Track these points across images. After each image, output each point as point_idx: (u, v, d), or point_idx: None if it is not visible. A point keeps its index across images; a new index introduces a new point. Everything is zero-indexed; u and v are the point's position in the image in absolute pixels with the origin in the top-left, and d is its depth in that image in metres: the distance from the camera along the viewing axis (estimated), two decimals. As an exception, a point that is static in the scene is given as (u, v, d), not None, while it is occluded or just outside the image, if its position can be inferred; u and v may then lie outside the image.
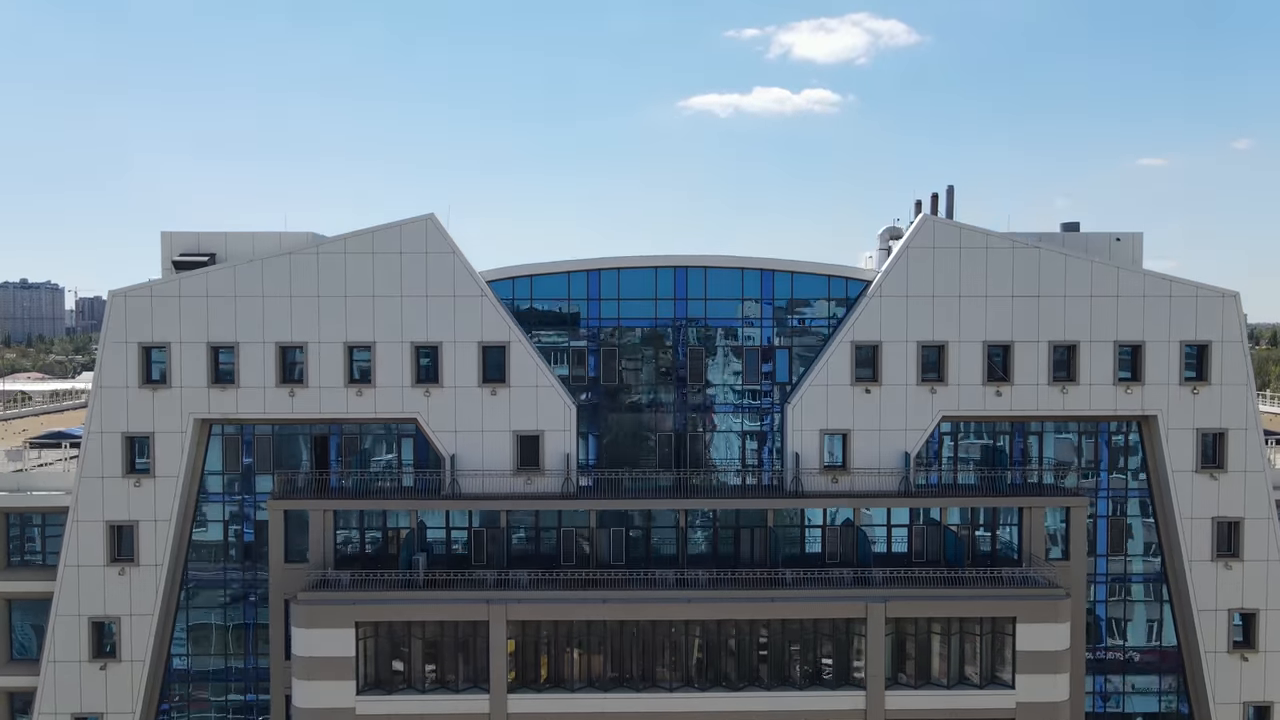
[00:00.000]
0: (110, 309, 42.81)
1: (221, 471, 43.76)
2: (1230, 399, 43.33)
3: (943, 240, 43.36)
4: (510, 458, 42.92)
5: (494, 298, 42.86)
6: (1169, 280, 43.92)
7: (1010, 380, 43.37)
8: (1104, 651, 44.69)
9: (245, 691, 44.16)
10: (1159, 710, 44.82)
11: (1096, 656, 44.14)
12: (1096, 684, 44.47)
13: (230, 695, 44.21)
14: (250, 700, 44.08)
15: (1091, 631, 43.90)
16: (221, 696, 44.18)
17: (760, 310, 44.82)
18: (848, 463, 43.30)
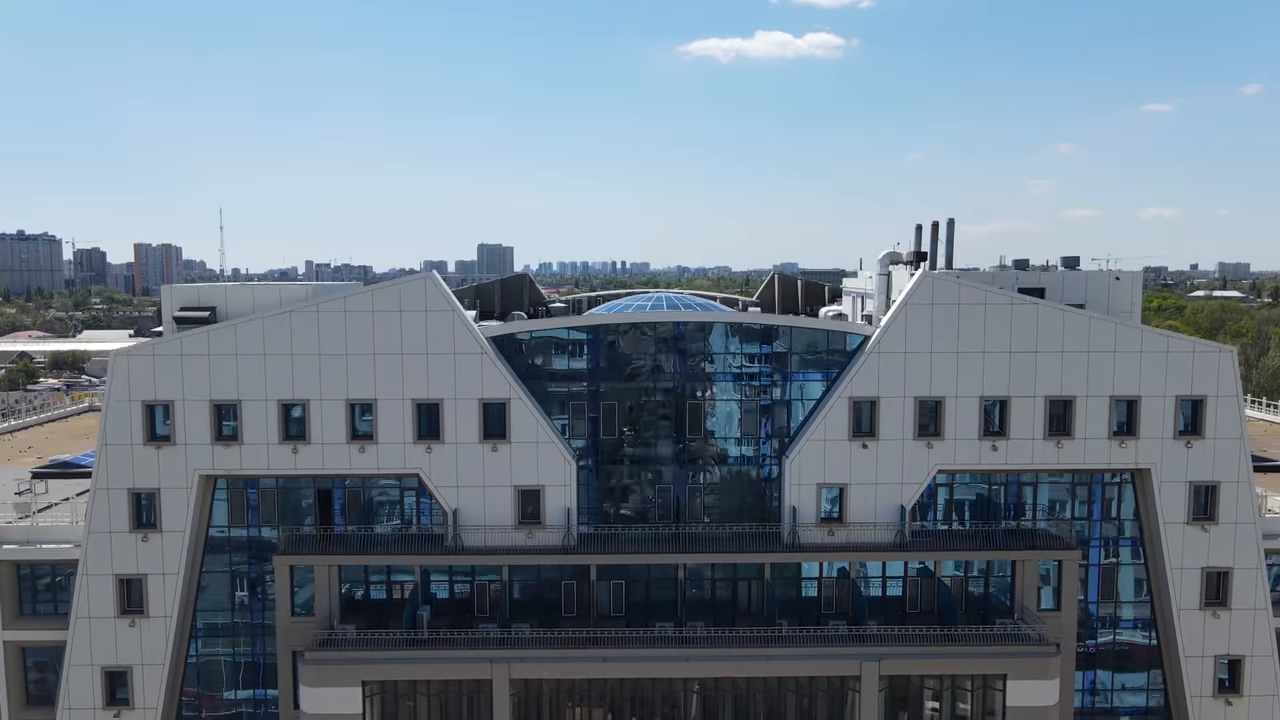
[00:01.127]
0: (113, 369, 43.04)
1: (227, 524, 44.36)
2: (1223, 452, 43.79)
3: (942, 297, 43.41)
4: (512, 512, 43.52)
5: (494, 355, 43.04)
6: (1166, 336, 44.17)
7: (1006, 435, 43.79)
8: (1092, 695, 45.80)
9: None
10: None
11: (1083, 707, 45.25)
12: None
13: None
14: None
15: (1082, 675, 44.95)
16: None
17: (759, 365, 45.03)
18: (844, 515, 43.91)
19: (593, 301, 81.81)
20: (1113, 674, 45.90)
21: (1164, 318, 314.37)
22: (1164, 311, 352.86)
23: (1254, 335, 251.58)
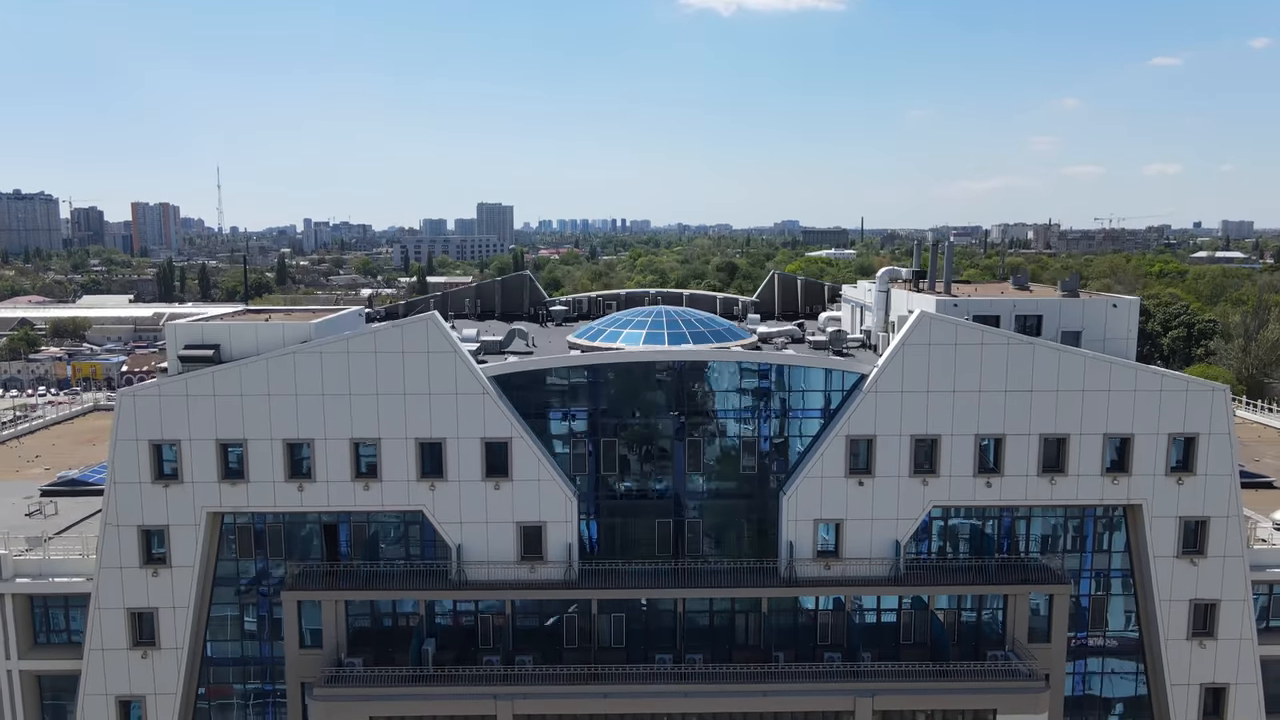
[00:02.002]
0: (120, 409, 43.55)
1: (235, 558, 45.24)
2: (1214, 488, 44.51)
3: (939, 337, 43.78)
4: (514, 547, 44.39)
5: (496, 394, 43.57)
6: (1160, 375, 44.57)
7: (1000, 471, 44.49)
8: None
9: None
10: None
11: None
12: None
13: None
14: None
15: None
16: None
17: (757, 401, 45.57)
18: (840, 550, 44.79)
19: (593, 303, 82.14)
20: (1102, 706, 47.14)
21: (1165, 284, 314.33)
22: (1165, 277, 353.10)
23: (1254, 303, 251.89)
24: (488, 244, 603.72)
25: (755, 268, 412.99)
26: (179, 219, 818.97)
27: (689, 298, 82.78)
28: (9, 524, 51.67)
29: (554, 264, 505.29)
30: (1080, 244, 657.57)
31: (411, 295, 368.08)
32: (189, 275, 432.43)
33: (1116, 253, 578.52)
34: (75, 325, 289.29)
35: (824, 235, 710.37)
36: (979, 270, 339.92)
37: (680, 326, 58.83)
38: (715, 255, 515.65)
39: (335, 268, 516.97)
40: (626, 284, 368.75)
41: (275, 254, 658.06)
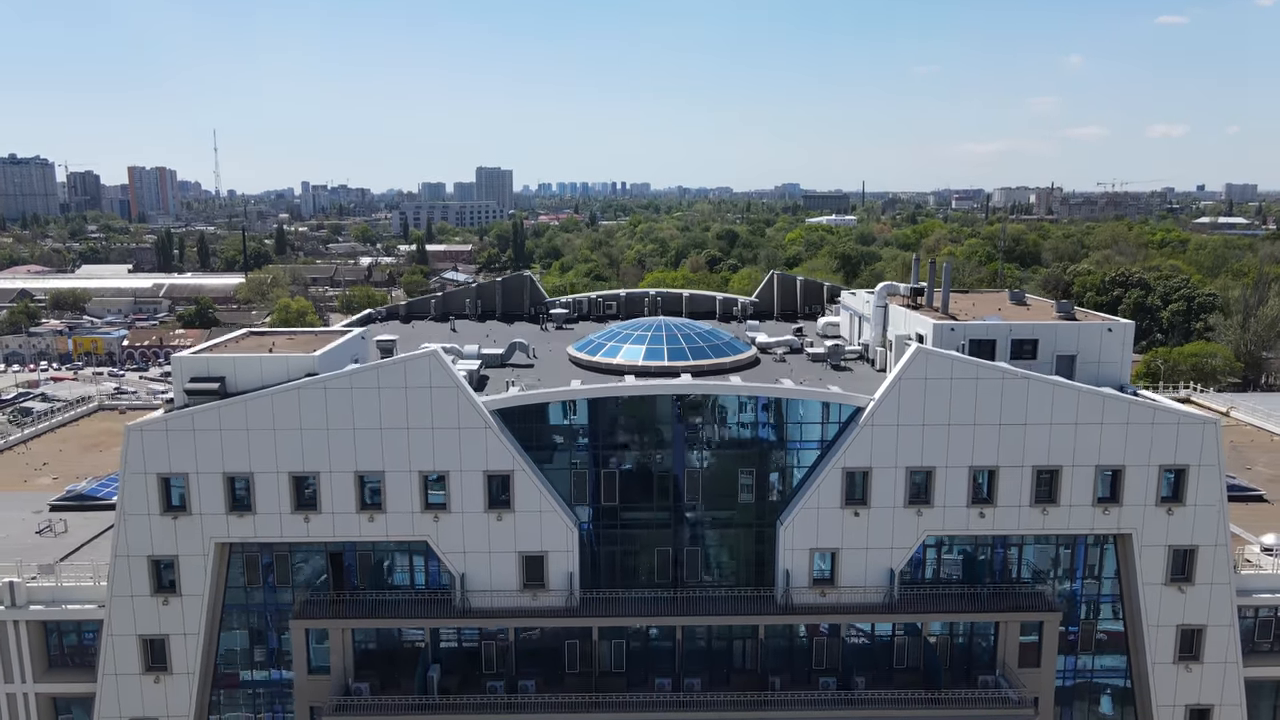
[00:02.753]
0: (128, 442, 44.22)
1: (244, 586, 46.22)
2: (1203, 518, 45.36)
3: (935, 372, 44.33)
4: (517, 576, 45.36)
5: (498, 428, 44.23)
6: (1153, 408, 45.19)
7: (994, 502, 45.30)
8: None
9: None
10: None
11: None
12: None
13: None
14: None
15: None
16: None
17: (756, 433, 46.26)
18: (835, 578, 45.76)
19: (592, 304, 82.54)
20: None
21: (1166, 254, 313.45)
22: (1166, 247, 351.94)
23: (1254, 276, 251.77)
24: (487, 209, 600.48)
25: (756, 235, 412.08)
26: (176, 183, 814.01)
27: (689, 299, 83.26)
28: (20, 542, 52.76)
29: (553, 231, 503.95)
30: (1082, 209, 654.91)
31: (411, 264, 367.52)
32: (188, 243, 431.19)
33: (1119, 218, 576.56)
34: (75, 298, 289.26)
35: (824, 200, 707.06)
36: (980, 240, 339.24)
37: (680, 341, 59.40)
38: (715, 222, 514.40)
39: (334, 234, 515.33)
40: (626, 252, 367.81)
41: (273, 219, 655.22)
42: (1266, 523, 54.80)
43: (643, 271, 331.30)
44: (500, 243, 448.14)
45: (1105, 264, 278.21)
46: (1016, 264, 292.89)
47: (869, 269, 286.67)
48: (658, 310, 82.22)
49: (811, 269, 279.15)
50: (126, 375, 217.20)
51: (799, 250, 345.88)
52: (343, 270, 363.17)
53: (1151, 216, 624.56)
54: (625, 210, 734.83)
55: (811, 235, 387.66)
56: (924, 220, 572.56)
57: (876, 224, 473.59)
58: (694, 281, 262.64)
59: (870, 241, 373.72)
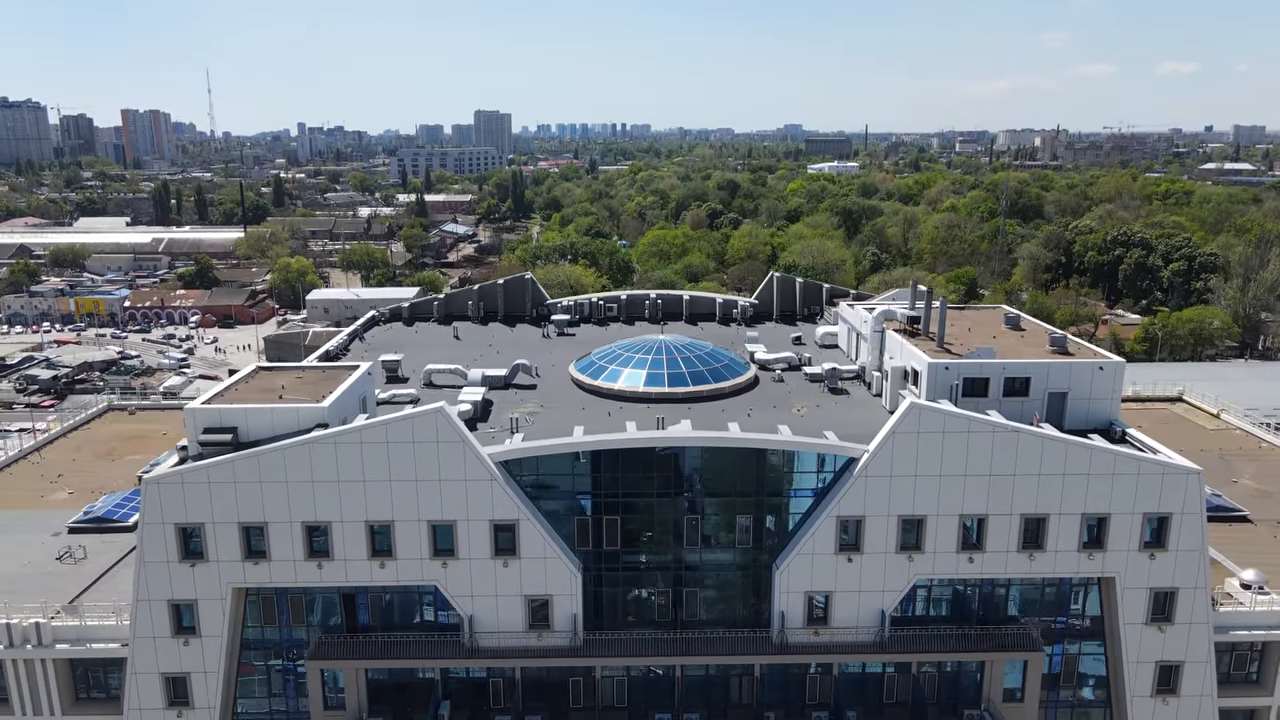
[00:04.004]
0: (145, 494, 45.63)
1: (260, 625, 48.11)
2: (1184, 562, 47.01)
3: (928, 425, 45.52)
4: (522, 618, 47.21)
5: (503, 480, 45.61)
6: (1138, 459, 46.48)
7: (982, 548, 46.92)
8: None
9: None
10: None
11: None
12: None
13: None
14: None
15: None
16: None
17: (754, 482, 47.66)
18: (829, 618, 47.60)
19: (594, 306, 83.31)
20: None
21: (1170, 208, 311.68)
22: (1170, 199, 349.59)
23: (1256, 235, 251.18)
24: (485, 155, 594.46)
25: (757, 185, 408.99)
26: (170, 125, 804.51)
27: (689, 301, 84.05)
28: (42, 568, 54.54)
29: (553, 179, 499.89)
30: (1087, 154, 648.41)
31: (410, 216, 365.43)
32: (185, 193, 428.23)
33: (1124, 163, 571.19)
34: (74, 254, 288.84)
35: (826, 144, 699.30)
36: (982, 192, 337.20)
37: (680, 366, 60.63)
38: (716, 169, 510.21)
39: (331, 183, 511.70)
40: (627, 204, 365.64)
41: (270, 165, 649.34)
42: (1250, 546, 56.56)
43: (643, 225, 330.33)
44: (500, 192, 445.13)
45: (1108, 219, 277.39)
46: (1018, 219, 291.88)
47: (870, 224, 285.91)
48: (658, 313, 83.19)
49: (813, 224, 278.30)
50: (129, 337, 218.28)
51: (800, 202, 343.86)
52: (341, 223, 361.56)
53: (1157, 161, 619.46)
54: (626, 154, 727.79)
55: (813, 185, 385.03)
56: (927, 167, 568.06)
57: (879, 172, 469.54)
58: (694, 239, 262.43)
59: (872, 193, 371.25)
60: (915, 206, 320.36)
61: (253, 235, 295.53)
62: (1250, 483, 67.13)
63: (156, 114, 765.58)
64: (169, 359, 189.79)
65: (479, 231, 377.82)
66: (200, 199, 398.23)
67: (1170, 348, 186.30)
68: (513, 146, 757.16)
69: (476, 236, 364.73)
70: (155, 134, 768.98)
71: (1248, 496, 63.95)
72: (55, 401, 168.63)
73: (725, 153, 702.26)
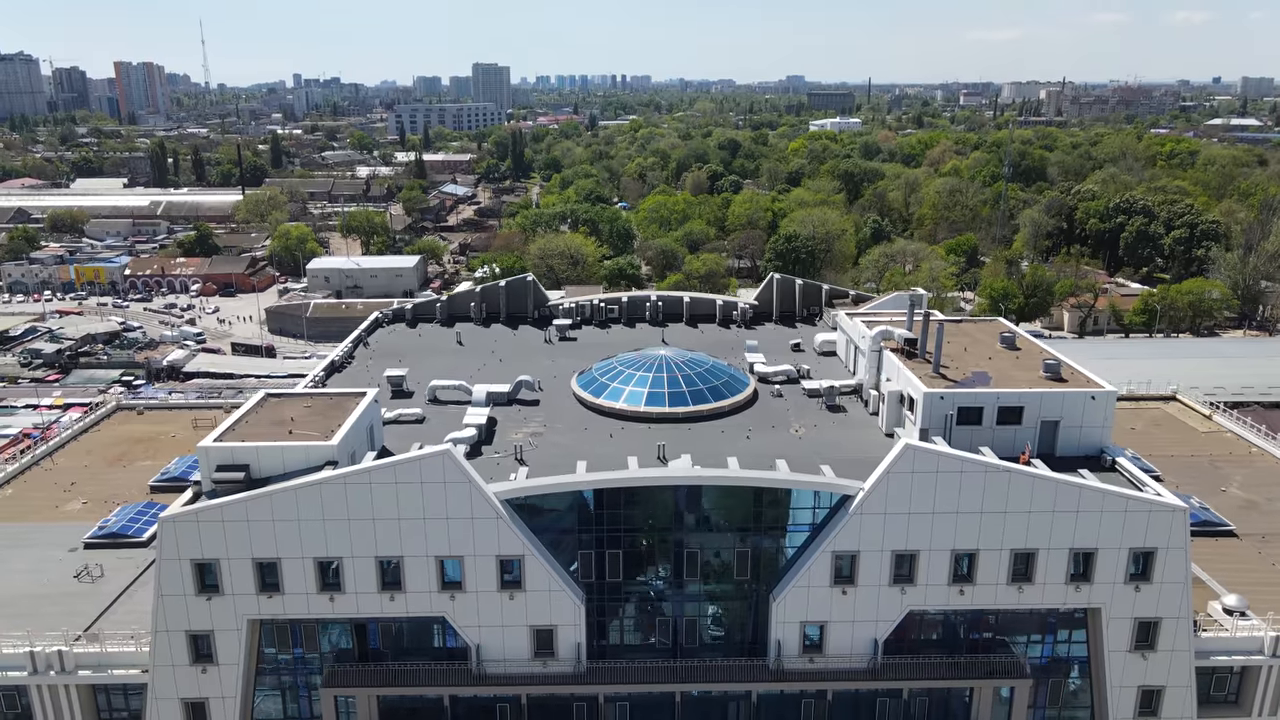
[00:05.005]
0: (162, 532, 46.99)
1: (275, 652, 49.85)
2: (1168, 594, 48.54)
3: (921, 466, 46.74)
4: (528, 647, 48.92)
5: (509, 518, 46.95)
6: (1126, 497, 47.73)
7: (973, 581, 48.43)
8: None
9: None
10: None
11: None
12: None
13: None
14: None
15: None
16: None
17: (751, 517, 49.03)
18: (824, 646, 49.31)
19: (595, 308, 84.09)
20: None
21: (1173, 172, 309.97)
22: (1174, 160, 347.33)
23: (1260, 201, 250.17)
24: (485, 112, 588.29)
25: (758, 145, 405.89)
26: (164, 78, 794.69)
27: (690, 303, 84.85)
28: (60, 587, 56.17)
29: (552, 136, 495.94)
30: (1094, 108, 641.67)
31: (409, 176, 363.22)
32: (181, 151, 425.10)
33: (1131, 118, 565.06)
34: (73, 218, 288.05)
35: (829, 98, 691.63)
36: (985, 153, 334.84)
37: (680, 384, 61.84)
38: (717, 125, 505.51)
39: (329, 140, 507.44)
40: (627, 165, 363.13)
41: (266, 120, 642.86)
42: (1234, 564, 58.07)
43: (644, 186, 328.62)
44: (499, 150, 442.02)
45: (1110, 183, 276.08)
46: (1021, 182, 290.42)
47: (870, 189, 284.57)
48: (659, 314, 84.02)
49: (814, 189, 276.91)
50: (130, 307, 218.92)
51: (802, 163, 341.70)
52: (340, 184, 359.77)
53: (1163, 116, 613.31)
54: (626, 107, 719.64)
55: (814, 145, 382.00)
56: (930, 122, 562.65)
57: (881, 131, 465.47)
58: (694, 205, 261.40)
59: (874, 154, 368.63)
60: (917, 169, 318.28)
61: (251, 199, 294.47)
62: (1238, 492, 68.48)
63: (150, 66, 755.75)
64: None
65: (478, 192, 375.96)
66: (197, 159, 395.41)
67: (1169, 319, 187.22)
68: (511, 100, 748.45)
69: (476, 198, 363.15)
70: (149, 87, 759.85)
71: (1235, 508, 65.29)
72: (60, 376, 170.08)
73: (726, 106, 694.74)
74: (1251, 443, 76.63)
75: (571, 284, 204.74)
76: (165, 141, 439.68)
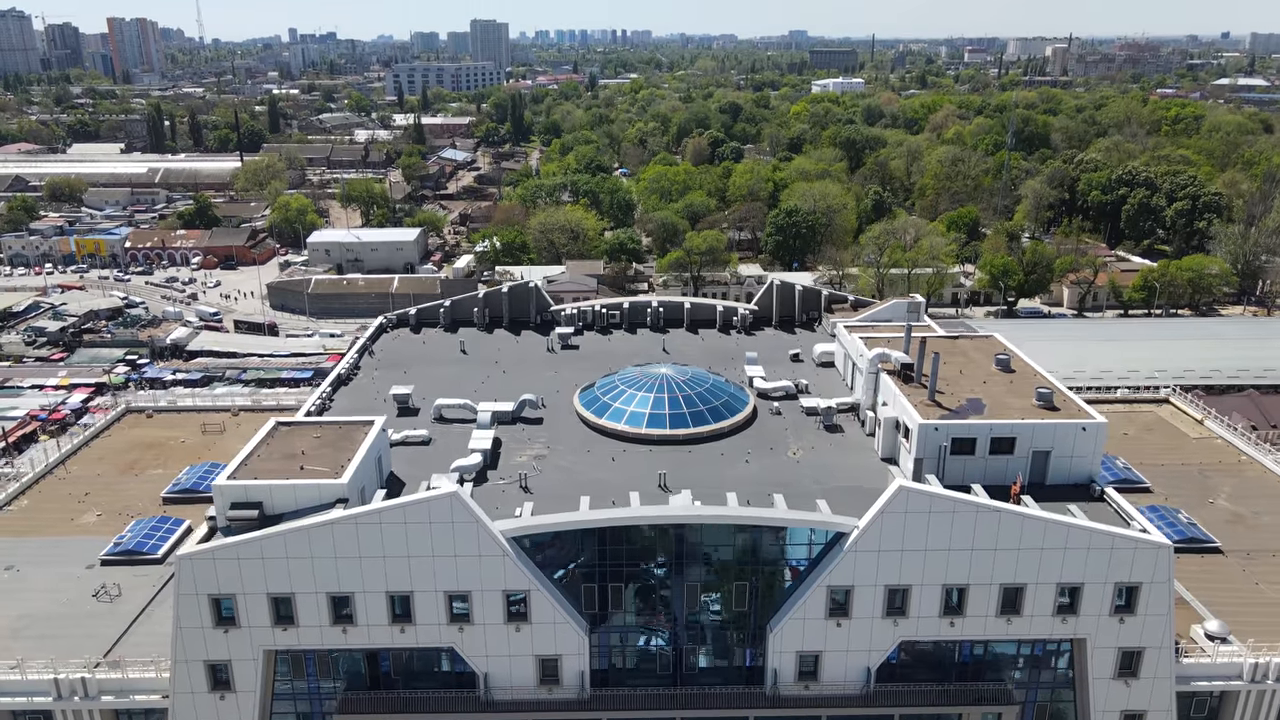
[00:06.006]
0: (180, 570, 48.59)
1: (290, 680, 51.76)
2: (1151, 625, 50.30)
3: (915, 506, 48.18)
4: (534, 676, 50.83)
5: (514, 555, 48.51)
6: (1112, 535, 49.20)
7: (963, 613, 50.16)
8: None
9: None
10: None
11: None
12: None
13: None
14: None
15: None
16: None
17: (750, 548, 50.61)
18: (818, 674, 51.21)
19: (596, 315, 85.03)
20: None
21: (1177, 140, 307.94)
22: (1179, 126, 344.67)
23: (1263, 171, 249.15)
24: (483, 71, 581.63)
25: (760, 108, 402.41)
26: (158, 33, 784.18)
27: (690, 309, 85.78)
28: (79, 608, 57.99)
29: (552, 98, 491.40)
30: (1099, 66, 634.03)
31: (408, 141, 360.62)
32: (177, 113, 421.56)
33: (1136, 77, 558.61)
34: (71, 187, 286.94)
35: (832, 55, 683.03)
36: (988, 119, 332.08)
37: (681, 405, 63.23)
38: (718, 87, 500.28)
39: (326, 101, 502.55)
40: (628, 130, 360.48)
41: (262, 78, 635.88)
42: (1219, 582, 59.76)
43: (644, 152, 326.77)
44: (498, 113, 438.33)
45: (1114, 152, 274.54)
46: (1023, 150, 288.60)
47: (872, 157, 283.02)
48: (659, 320, 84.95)
49: (816, 159, 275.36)
50: (131, 280, 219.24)
51: (803, 128, 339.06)
52: (339, 149, 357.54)
53: (1170, 75, 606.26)
54: (626, 65, 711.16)
55: (816, 108, 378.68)
56: (934, 81, 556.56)
57: (884, 93, 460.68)
58: (695, 175, 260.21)
59: (877, 118, 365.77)
60: (919, 136, 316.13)
61: (250, 167, 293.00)
62: (1226, 504, 69.95)
63: (143, 22, 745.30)
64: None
65: (478, 157, 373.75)
66: (194, 123, 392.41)
67: (1169, 295, 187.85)
68: (510, 57, 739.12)
69: (475, 163, 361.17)
70: (144, 43, 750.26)
71: (1222, 522, 66.79)
72: (65, 354, 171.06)
73: (728, 64, 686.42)
74: (1241, 450, 78.02)
75: (572, 258, 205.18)
76: (161, 104, 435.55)
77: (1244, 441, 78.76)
